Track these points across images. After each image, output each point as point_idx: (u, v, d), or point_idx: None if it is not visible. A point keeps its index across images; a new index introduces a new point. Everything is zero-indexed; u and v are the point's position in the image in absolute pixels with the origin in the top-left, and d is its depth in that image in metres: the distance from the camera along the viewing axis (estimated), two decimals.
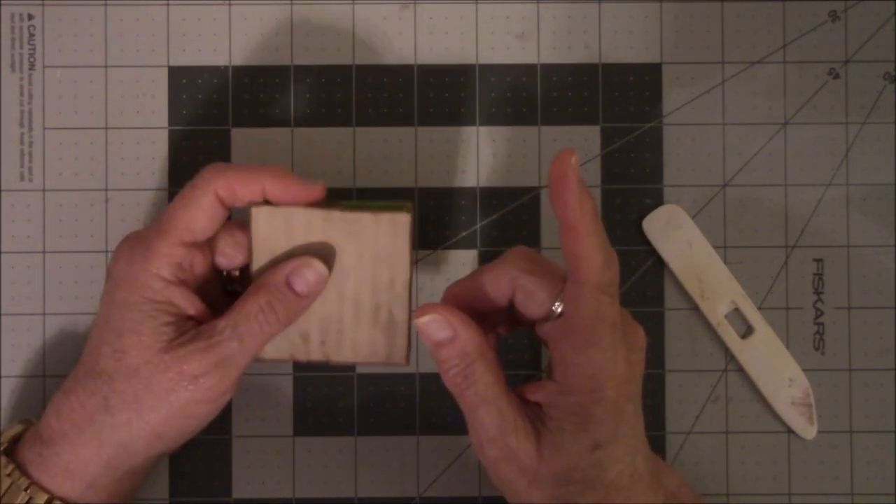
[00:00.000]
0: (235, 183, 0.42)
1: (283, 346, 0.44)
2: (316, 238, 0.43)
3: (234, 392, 0.44)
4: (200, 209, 0.42)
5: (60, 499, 0.42)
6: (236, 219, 0.46)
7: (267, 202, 0.43)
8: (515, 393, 0.41)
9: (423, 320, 0.41)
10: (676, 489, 0.43)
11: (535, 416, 0.41)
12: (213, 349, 0.42)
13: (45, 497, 0.42)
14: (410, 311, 0.44)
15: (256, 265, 0.44)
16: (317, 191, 0.43)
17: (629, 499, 0.41)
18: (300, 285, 0.43)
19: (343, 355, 0.44)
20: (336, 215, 0.43)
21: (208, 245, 0.44)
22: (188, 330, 0.42)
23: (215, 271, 0.46)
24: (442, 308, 0.41)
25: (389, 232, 0.43)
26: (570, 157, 0.38)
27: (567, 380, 0.40)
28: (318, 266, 0.43)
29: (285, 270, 0.43)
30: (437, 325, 0.41)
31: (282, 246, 0.44)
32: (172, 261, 0.42)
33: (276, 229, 0.43)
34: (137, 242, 0.43)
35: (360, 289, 0.44)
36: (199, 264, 0.43)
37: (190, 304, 0.43)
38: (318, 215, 0.43)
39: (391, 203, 0.44)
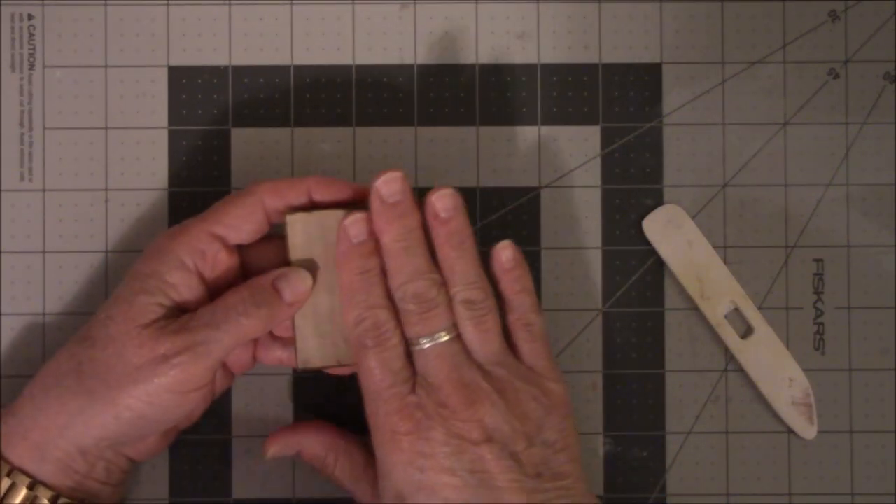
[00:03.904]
0: (282, 185, 0.44)
1: (328, 352, 0.44)
2: None
3: (200, 394, 0.43)
4: (241, 206, 0.43)
5: (19, 469, 0.42)
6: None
7: (299, 209, 0.44)
8: None
9: (270, 452, 0.47)
10: None
11: None
12: (187, 332, 0.42)
13: (6, 468, 0.42)
14: None
15: None
16: (361, 192, 0.44)
17: None
18: (287, 293, 0.43)
19: None
20: (367, 215, 0.43)
21: (238, 252, 0.45)
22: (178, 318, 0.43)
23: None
24: (285, 431, 0.46)
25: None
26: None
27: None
28: (305, 275, 0.44)
29: (272, 275, 0.43)
30: (282, 451, 0.46)
31: (318, 250, 0.44)
32: (195, 245, 0.43)
33: (312, 235, 0.44)
34: (178, 225, 0.44)
35: None
36: (221, 263, 0.44)
37: (192, 296, 0.43)
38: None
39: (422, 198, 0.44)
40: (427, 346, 0.42)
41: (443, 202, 0.43)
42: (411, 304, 0.42)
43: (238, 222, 0.44)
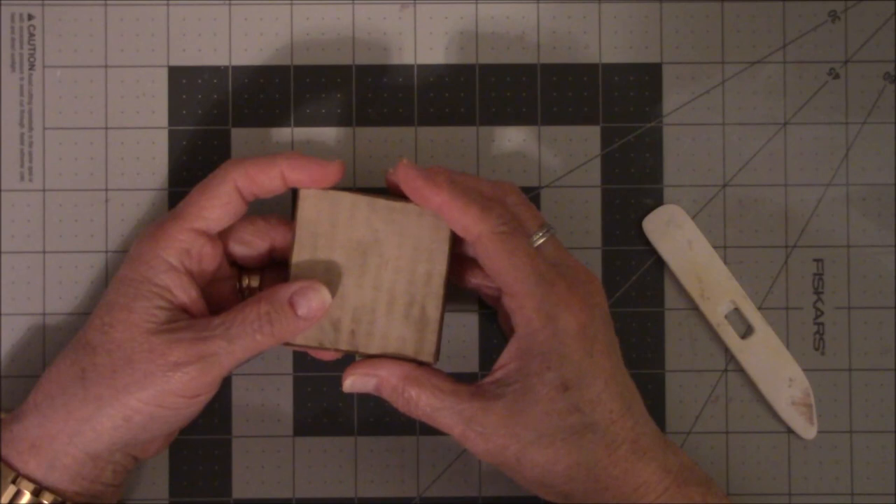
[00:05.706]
0: (253, 170, 0.43)
1: (312, 334, 0.44)
2: (359, 224, 0.44)
3: (209, 395, 0.44)
4: (216, 197, 0.43)
5: (25, 476, 0.42)
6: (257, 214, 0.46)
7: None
8: (475, 385, 0.43)
9: (348, 382, 0.44)
10: (691, 464, 0.43)
11: (496, 389, 0.42)
12: (201, 342, 0.42)
13: (11, 475, 0.42)
14: (443, 309, 0.44)
15: (299, 247, 0.44)
16: (335, 169, 0.43)
17: (636, 450, 0.41)
18: (302, 308, 0.42)
19: (371, 347, 0.44)
20: (382, 203, 0.44)
21: (221, 240, 0.45)
22: (180, 320, 0.43)
23: (234, 278, 0.46)
24: (363, 364, 0.44)
25: (433, 225, 0.44)
26: (400, 165, 0.42)
27: (518, 328, 0.42)
28: (324, 293, 0.43)
29: (291, 289, 0.43)
30: (360, 382, 0.44)
31: (325, 230, 0.44)
32: (179, 245, 0.43)
33: (322, 213, 0.44)
34: (154, 226, 0.44)
35: (396, 280, 0.44)
36: (207, 256, 0.44)
37: (187, 296, 0.43)
38: (363, 202, 0.44)
39: None
40: (546, 237, 0.43)
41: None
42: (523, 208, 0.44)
43: (216, 214, 0.43)
